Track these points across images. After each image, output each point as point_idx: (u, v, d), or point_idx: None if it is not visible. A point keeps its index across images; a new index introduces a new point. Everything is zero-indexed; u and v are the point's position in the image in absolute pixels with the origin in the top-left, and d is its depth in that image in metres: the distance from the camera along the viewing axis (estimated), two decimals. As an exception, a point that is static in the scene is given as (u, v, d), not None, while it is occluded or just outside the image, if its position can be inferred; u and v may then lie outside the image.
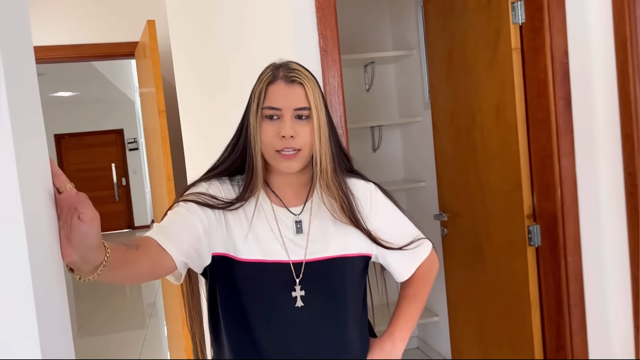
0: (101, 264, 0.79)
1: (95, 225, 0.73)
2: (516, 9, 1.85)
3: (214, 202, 1.11)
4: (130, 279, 0.93)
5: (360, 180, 1.26)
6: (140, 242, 0.95)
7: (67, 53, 3.15)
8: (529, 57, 1.83)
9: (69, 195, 0.72)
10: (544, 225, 1.86)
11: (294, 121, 1.11)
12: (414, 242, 1.26)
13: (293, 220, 1.17)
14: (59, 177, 0.75)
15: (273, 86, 1.11)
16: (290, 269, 1.14)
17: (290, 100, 1.10)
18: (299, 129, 1.10)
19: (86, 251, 0.74)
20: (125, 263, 0.88)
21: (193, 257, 1.07)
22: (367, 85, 3.38)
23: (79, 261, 0.75)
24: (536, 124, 1.83)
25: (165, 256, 1.00)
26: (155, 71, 2.48)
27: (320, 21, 1.56)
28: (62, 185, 0.75)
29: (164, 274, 1.01)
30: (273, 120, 1.11)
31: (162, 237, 1.01)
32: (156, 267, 0.97)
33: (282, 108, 1.10)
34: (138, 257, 0.91)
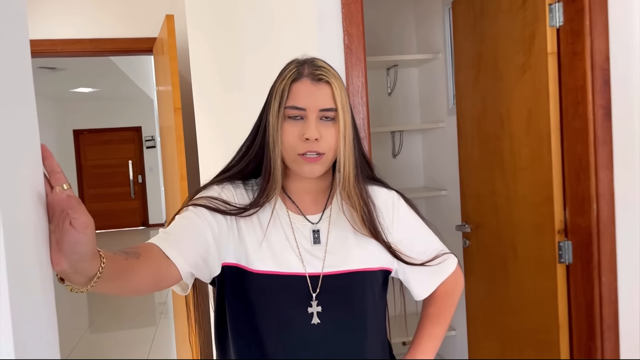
0: (95, 275, 0.70)
1: (89, 232, 0.65)
2: (554, 10, 1.74)
3: (226, 207, 1.02)
4: (129, 290, 0.84)
5: (382, 188, 1.17)
6: (142, 250, 0.86)
7: (86, 47, 3.10)
8: (567, 62, 1.72)
9: (60, 197, 0.63)
10: (576, 242, 1.74)
11: (319, 122, 1.02)
12: (437, 257, 1.16)
13: (310, 229, 1.08)
14: (55, 175, 0.67)
15: (298, 84, 1.03)
16: (307, 282, 1.05)
17: (316, 99, 1.01)
18: (324, 131, 1.02)
19: (78, 260, 0.66)
20: (124, 274, 0.79)
21: (201, 266, 0.98)
22: (389, 89, 3.28)
23: (69, 271, 0.67)
24: (572, 134, 1.72)
25: (170, 265, 0.91)
26: (172, 67, 2.41)
27: (346, 17, 1.47)
28: (58, 183, 0.66)
29: (167, 285, 0.92)
30: (296, 120, 1.02)
31: (166, 244, 0.92)
32: (159, 278, 0.89)
33: (306, 108, 1.01)
34: (138, 267, 0.82)
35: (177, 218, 1.01)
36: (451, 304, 1.21)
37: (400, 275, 1.17)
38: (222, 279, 1.05)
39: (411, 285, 1.18)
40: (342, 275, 1.07)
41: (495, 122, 2.08)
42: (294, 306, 1.04)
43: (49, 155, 0.66)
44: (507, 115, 2.01)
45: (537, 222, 1.88)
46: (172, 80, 2.42)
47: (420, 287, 1.17)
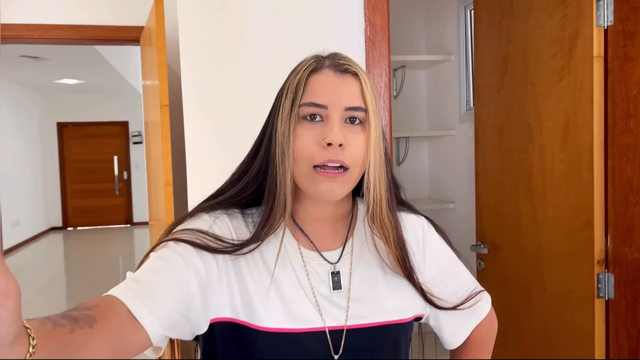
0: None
1: (10, 305, 0.41)
2: (602, 8, 1.51)
3: (217, 244, 0.77)
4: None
5: (410, 214, 0.94)
6: (99, 312, 0.60)
7: (66, 34, 2.82)
8: (616, 67, 1.49)
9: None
10: (620, 275, 1.52)
11: (343, 126, 0.77)
12: (470, 297, 0.93)
13: (328, 271, 0.84)
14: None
15: (317, 75, 0.78)
16: (327, 339, 0.80)
17: (341, 95, 0.77)
18: (350, 137, 0.77)
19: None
20: (67, 353, 0.53)
21: (180, 326, 0.72)
22: (395, 92, 3.05)
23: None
24: (620, 150, 1.49)
25: (138, 330, 0.65)
26: (160, 59, 2.15)
27: (369, 3, 1.22)
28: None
29: (130, 355, 0.66)
30: (314, 122, 0.77)
31: (134, 298, 0.67)
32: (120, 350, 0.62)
33: (328, 105, 0.76)
34: (90, 341, 0.57)
35: (152, 258, 0.75)
36: (487, 352, 1.00)
37: (431, 320, 0.94)
38: (211, 339, 0.80)
39: (443, 332, 0.96)
40: (372, 329, 0.83)
41: (523, 133, 1.85)
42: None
43: None
44: (537, 125, 1.78)
45: (571, 250, 1.65)
46: (159, 73, 2.16)
47: (452, 334, 0.95)
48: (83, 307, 0.60)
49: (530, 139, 1.82)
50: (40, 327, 0.50)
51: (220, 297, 0.77)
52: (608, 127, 1.53)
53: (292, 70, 0.82)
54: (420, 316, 0.90)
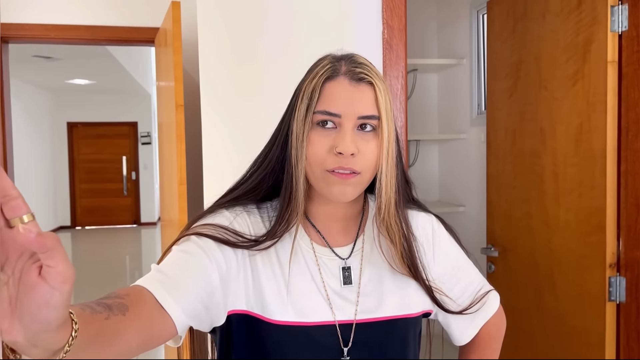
0: (62, 349, 0.48)
1: (65, 290, 0.43)
2: (616, 14, 1.53)
3: (236, 239, 0.79)
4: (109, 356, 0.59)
5: (420, 212, 0.95)
6: (130, 301, 0.63)
7: (82, 34, 2.86)
8: (630, 72, 1.50)
9: (27, 236, 0.40)
10: (632, 279, 1.52)
11: (355, 133, 0.79)
12: (477, 298, 0.95)
13: (339, 266, 0.86)
14: (12, 201, 0.43)
15: (332, 84, 0.80)
16: (337, 332, 0.82)
17: (355, 104, 0.78)
18: (362, 144, 0.79)
19: (40, 330, 0.43)
20: (104, 339, 0.55)
21: (202, 317, 0.75)
22: (406, 95, 3.07)
23: (23, 343, 0.44)
24: (632, 155, 1.50)
25: (165, 319, 0.68)
26: (176, 59, 2.18)
27: (387, 7, 1.24)
28: (16, 214, 0.43)
29: (158, 344, 0.69)
30: (327, 129, 0.79)
31: (162, 289, 0.69)
32: (150, 337, 0.65)
33: (342, 114, 0.78)
34: (124, 327, 0.59)
35: (176, 250, 0.77)
36: (495, 348, 1.01)
37: (440, 317, 0.96)
38: (228, 330, 0.82)
39: (451, 329, 0.97)
40: (380, 323, 0.85)
41: (536, 137, 1.87)
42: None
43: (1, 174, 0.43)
44: (550, 129, 1.79)
45: (582, 253, 1.66)
46: (175, 73, 2.19)
47: (461, 331, 0.97)
48: (115, 296, 0.62)
49: (542, 143, 1.83)
50: (81, 313, 0.53)
51: (238, 290, 0.80)
52: (621, 131, 1.54)
53: (309, 70, 0.84)
54: (429, 312, 0.92)
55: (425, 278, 0.88)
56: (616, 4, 1.53)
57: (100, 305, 0.58)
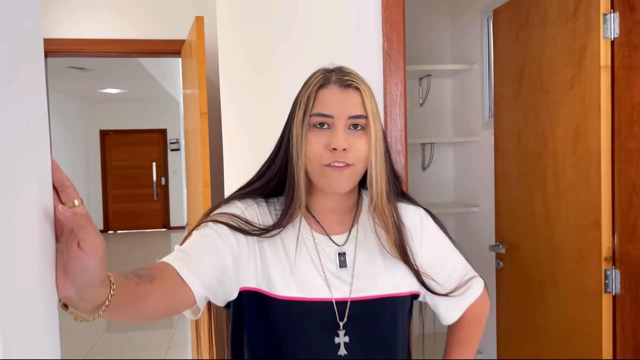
0: (103, 304, 0.62)
1: (99, 257, 0.56)
2: (609, 21, 1.62)
3: (248, 227, 0.94)
4: (139, 318, 0.75)
5: (410, 205, 1.08)
6: (156, 272, 0.78)
7: (114, 48, 3.07)
8: (622, 77, 1.59)
9: (65, 215, 0.54)
10: (625, 271, 1.61)
11: (347, 132, 0.93)
12: (462, 283, 1.08)
13: (336, 251, 0.99)
14: (66, 190, 0.58)
15: (324, 90, 0.95)
16: (333, 308, 0.96)
17: (345, 106, 0.93)
18: (353, 140, 0.93)
19: (85, 287, 0.57)
20: (135, 300, 0.70)
21: (216, 289, 0.89)
22: (421, 100, 3.18)
23: (74, 298, 0.58)
24: (625, 155, 1.59)
25: (185, 289, 0.82)
26: (200, 70, 2.34)
27: (386, 22, 1.37)
28: (69, 199, 0.58)
29: (180, 309, 0.84)
30: (322, 129, 0.93)
31: (183, 265, 0.84)
32: (173, 303, 0.80)
33: (334, 115, 0.92)
34: (151, 293, 0.74)
35: (195, 234, 0.92)
36: (479, 328, 1.14)
37: (427, 299, 1.09)
38: (239, 305, 0.96)
39: (439, 310, 1.10)
40: (372, 301, 0.98)
41: (538, 139, 1.96)
42: (320, 336, 0.95)
43: (57, 168, 0.58)
44: (551, 131, 1.89)
45: (581, 248, 1.75)
46: (199, 83, 2.35)
47: (448, 312, 1.10)
48: (144, 269, 0.77)
49: (544, 145, 1.93)
50: (117, 277, 0.67)
51: (248, 270, 0.94)
52: (615, 132, 1.63)
53: (305, 82, 0.98)
54: (417, 293, 1.05)
55: (413, 262, 1.00)
56: (608, 12, 1.63)
57: (133, 275, 0.72)
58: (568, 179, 1.80)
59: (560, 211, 1.85)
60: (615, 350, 1.66)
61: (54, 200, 0.58)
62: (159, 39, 3.04)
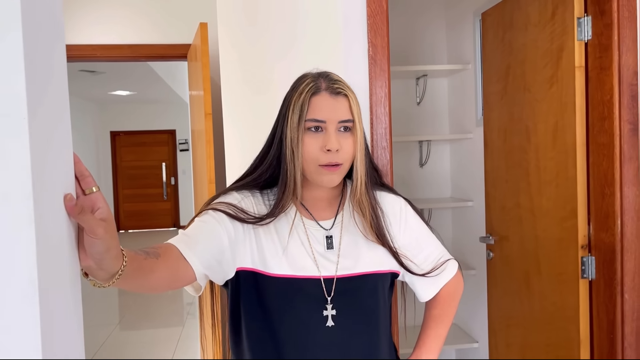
0: (117, 273, 0.75)
1: (99, 236, 0.69)
2: (582, 24, 1.73)
3: (244, 215, 1.07)
4: (146, 288, 0.89)
5: (390, 194, 1.22)
6: (162, 251, 0.92)
7: (124, 52, 3.22)
8: (594, 76, 1.71)
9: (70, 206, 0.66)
10: (599, 258, 1.72)
11: (337, 134, 1.07)
12: (438, 265, 1.21)
13: (324, 235, 1.13)
14: (85, 179, 0.72)
15: (317, 97, 1.08)
16: (321, 285, 1.09)
17: (335, 112, 1.07)
18: (343, 141, 1.07)
19: (100, 259, 0.70)
20: (143, 273, 0.84)
21: (215, 268, 1.03)
22: (418, 99, 3.29)
23: (94, 267, 0.72)
24: (597, 149, 1.70)
25: (186, 266, 0.96)
26: (204, 74, 2.48)
27: (371, 29, 1.50)
28: (88, 187, 0.71)
29: (182, 284, 0.98)
30: (316, 132, 1.07)
31: (184, 245, 0.98)
32: (175, 278, 0.94)
33: (327, 120, 1.06)
34: (157, 267, 0.88)
35: (196, 221, 1.06)
36: (453, 305, 1.27)
37: (406, 278, 1.22)
38: (237, 283, 1.10)
39: (416, 288, 1.24)
40: (355, 277, 1.11)
41: (522, 135, 2.08)
42: (310, 309, 1.08)
43: (78, 161, 0.71)
44: (533, 128, 2.00)
45: (560, 237, 1.87)
46: (203, 86, 2.49)
47: (424, 290, 1.23)
48: (152, 247, 0.91)
49: (527, 140, 2.04)
50: (129, 252, 0.80)
51: (244, 253, 1.07)
52: (589, 128, 1.74)
53: (293, 86, 1.12)
54: (396, 272, 1.18)
55: (390, 244, 1.13)
56: (582, 15, 1.74)
57: (141, 251, 0.86)
58: (549, 171, 1.92)
59: (542, 202, 1.97)
60: (592, 332, 1.78)
61: (76, 187, 0.71)
62: (166, 43, 3.18)
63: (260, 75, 1.77)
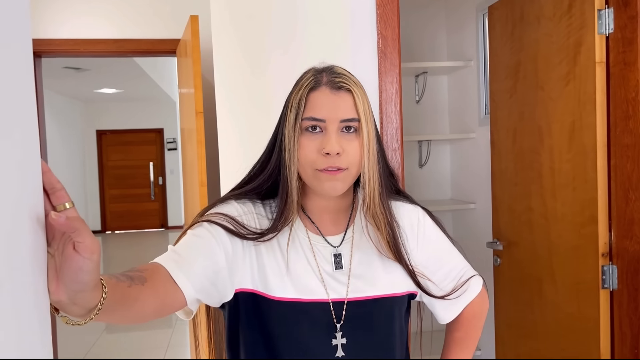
0: (95, 307, 0.61)
1: (94, 258, 0.56)
2: (603, 17, 1.62)
3: (245, 231, 0.93)
4: (129, 319, 0.75)
5: (406, 203, 1.07)
6: (148, 274, 0.77)
7: (109, 47, 3.06)
8: (617, 72, 1.59)
9: (58, 221, 0.53)
10: (622, 267, 1.61)
11: (340, 135, 0.92)
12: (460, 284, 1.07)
13: (331, 253, 0.99)
14: (56, 192, 0.58)
15: (316, 93, 0.93)
16: (330, 309, 0.95)
17: (337, 109, 0.91)
18: (346, 144, 0.91)
19: (78, 291, 0.57)
20: (126, 303, 0.70)
21: (209, 291, 0.88)
22: (417, 97, 3.17)
23: (66, 302, 0.58)
24: (621, 150, 1.59)
25: (176, 291, 0.82)
26: (195, 70, 2.33)
27: (381, 19, 1.37)
28: (60, 202, 0.57)
29: (170, 311, 0.83)
30: (315, 133, 0.92)
31: (175, 266, 0.83)
32: (163, 305, 0.79)
33: (326, 119, 0.91)
34: (142, 295, 0.73)
35: (189, 234, 0.91)
36: (478, 326, 1.13)
37: (424, 298, 1.08)
38: (236, 306, 0.96)
39: (436, 309, 1.09)
40: (369, 301, 0.97)
41: (534, 135, 1.96)
42: (317, 337, 0.94)
43: (47, 171, 0.57)
44: (547, 128, 1.88)
45: (578, 244, 1.75)
46: (194, 82, 2.35)
47: (445, 311, 1.09)
48: (136, 270, 0.77)
49: (540, 141, 1.93)
50: (109, 280, 0.67)
51: (244, 272, 0.93)
52: (610, 128, 1.63)
53: (295, 83, 0.97)
54: (414, 293, 1.04)
55: (408, 262, 0.99)
56: (603, 7, 1.62)
57: (124, 276, 0.72)
58: (564, 174, 1.80)
59: (557, 207, 1.85)
60: (613, 346, 1.66)
61: (45, 203, 0.57)
62: (154, 38, 3.03)
63: (259, 72, 1.63)
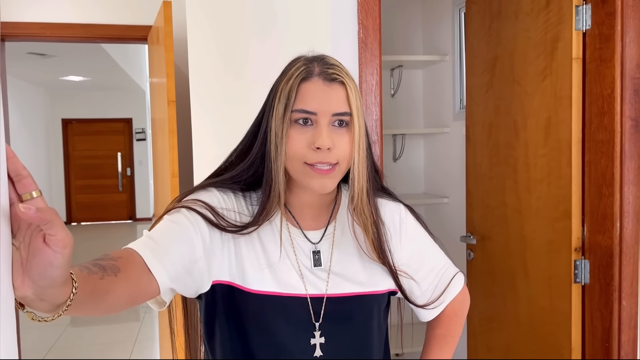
0: (64, 303, 0.57)
1: (66, 253, 0.52)
2: (581, 13, 1.63)
3: (225, 223, 0.88)
4: (100, 311, 0.70)
5: (389, 201, 1.04)
6: (122, 263, 0.73)
7: (77, 32, 2.95)
8: (593, 68, 1.61)
9: (28, 214, 0.49)
10: (594, 261, 1.63)
11: (331, 129, 0.88)
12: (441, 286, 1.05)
13: (310, 249, 0.95)
14: (23, 180, 0.53)
15: (307, 84, 0.88)
16: (308, 305, 0.92)
17: (329, 102, 0.87)
18: (337, 138, 0.88)
19: (46, 286, 0.53)
20: (98, 296, 0.65)
21: (184, 280, 0.84)
22: (392, 90, 3.16)
23: (32, 297, 0.53)
24: (595, 146, 1.61)
25: (150, 280, 0.77)
26: (168, 57, 2.27)
27: (362, 8, 1.34)
28: (26, 190, 0.53)
29: (142, 301, 0.79)
30: (305, 126, 0.88)
31: (150, 254, 0.79)
32: (136, 295, 0.75)
33: (318, 112, 0.87)
34: (115, 286, 0.69)
35: (166, 220, 0.86)
36: (459, 324, 1.11)
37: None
38: (213, 298, 0.92)
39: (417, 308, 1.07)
40: (349, 298, 0.95)
41: (509, 130, 1.97)
42: (295, 335, 0.91)
43: (12, 156, 0.53)
44: (522, 123, 1.89)
45: (551, 238, 1.77)
46: (166, 70, 2.28)
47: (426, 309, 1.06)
48: (109, 258, 0.72)
49: (515, 136, 1.94)
50: (79, 273, 0.62)
51: (221, 263, 0.89)
52: (585, 124, 1.64)
53: (283, 71, 0.92)
54: (394, 290, 1.01)
55: (392, 263, 0.97)
56: (580, 3, 1.63)
57: (96, 267, 0.67)
58: (539, 169, 1.81)
59: (531, 202, 1.86)
60: (584, 339, 1.69)
61: (10, 192, 0.53)
62: (124, 24, 2.93)
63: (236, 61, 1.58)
